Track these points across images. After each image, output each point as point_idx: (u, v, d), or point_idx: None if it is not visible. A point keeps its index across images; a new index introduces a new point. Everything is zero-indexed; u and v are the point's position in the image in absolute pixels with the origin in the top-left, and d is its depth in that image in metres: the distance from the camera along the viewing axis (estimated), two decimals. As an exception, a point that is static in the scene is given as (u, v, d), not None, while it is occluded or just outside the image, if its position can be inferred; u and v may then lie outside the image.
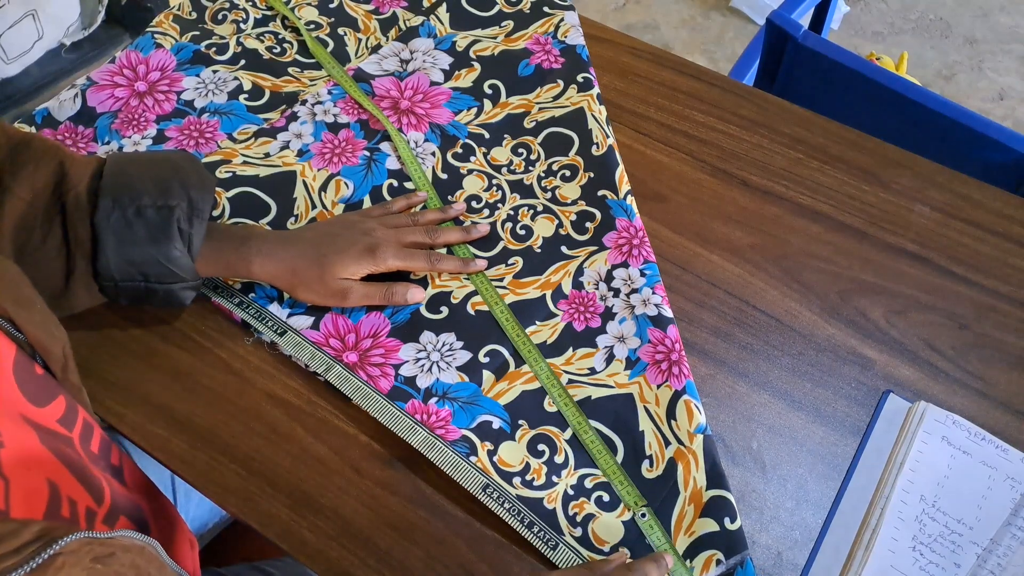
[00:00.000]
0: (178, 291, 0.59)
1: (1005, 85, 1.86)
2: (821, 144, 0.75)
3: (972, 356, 0.63)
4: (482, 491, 0.55)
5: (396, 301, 0.64)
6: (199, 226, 0.58)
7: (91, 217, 0.56)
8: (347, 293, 0.62)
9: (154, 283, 0.58)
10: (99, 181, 0.57)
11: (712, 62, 1.93)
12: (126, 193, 0.57)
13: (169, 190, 0.58)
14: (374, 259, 0.62)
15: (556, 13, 0.84)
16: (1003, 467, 0.57)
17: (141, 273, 0.57)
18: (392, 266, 0.63)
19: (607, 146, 0.73)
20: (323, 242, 0.63)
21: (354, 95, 0.77)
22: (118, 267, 0.57)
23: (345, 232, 0.64)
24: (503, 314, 0.64)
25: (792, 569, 0.54)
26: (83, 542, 0.38)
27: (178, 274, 0.58)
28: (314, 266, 0.62)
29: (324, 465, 0.58)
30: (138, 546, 0.43)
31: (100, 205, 0.56)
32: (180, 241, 0.58)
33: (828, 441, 0.59)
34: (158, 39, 0.82)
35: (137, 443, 0.59)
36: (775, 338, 0.64)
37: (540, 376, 0.61)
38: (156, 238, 0.57)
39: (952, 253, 0.68)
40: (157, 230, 0.57)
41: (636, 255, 0.66)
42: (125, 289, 0.58)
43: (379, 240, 0.63)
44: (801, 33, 0.97)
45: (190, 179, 0.59)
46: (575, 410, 0.59)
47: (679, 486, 0.56)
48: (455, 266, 0.66)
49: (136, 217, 0.56)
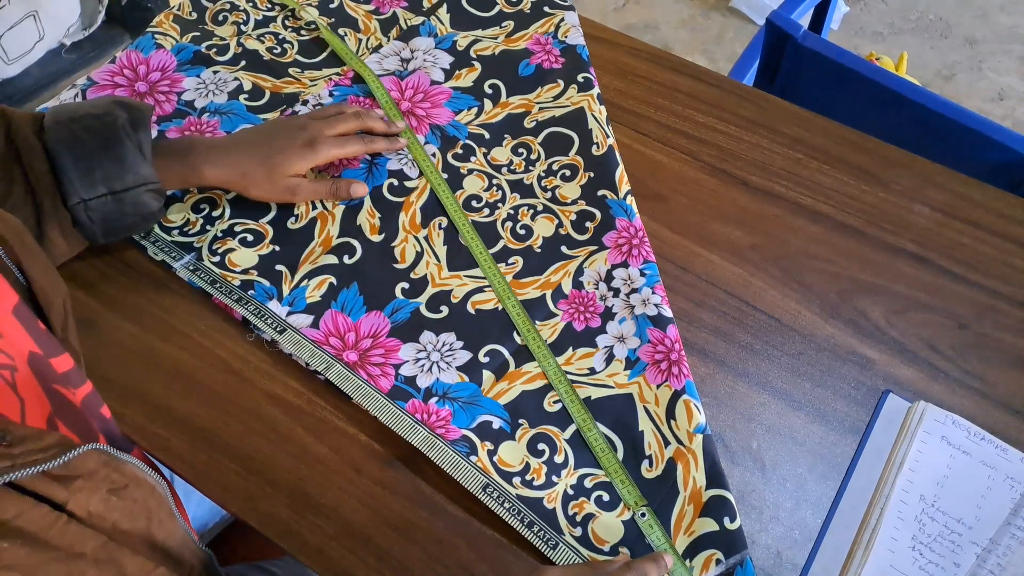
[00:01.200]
0: (143, 195, 0.62)
1: (1005, 85, 1.86)
2: (821, 144, 0.75)
3: (972, 356, 0.63)
4: (482, 491, 0.55)
5: (340, 196, 0.69)
6: (144, 134, 0.62)
7: (44, 146, 0.59)
8: (296, 190, 0.67)
9: (120, 192, 0.60)
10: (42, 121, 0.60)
11: (712, 62, 1.93)
12: (67, 118, 0.60)
13: (107, 107, 0.62)
14: (315, 151, 0.67)
15: (556, 13, 0.84)
16: (1003, 467, 0.57)
17: (105, 185, 0.60)
18: (332, 155, 0.68)
19: (607, 146, 0.73)
20: (264, 142, 0.67)
21: (371, 85, 0.78)
22: (83, 185, 0.59)
23: (283, 131, 0.68)
24: (515, 308, 0.64)
25: (792, 569, 0.54)
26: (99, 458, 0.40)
27: (139, 175, 0.61)
28: (261, 166, 0.66)
29: (324, 465, 0.58)
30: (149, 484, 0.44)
31: (48, 134, 0.59)
32: (130, 143, 0.61)
33: (828, 441, 0.59)
34: (158, 39, 0.82)
35: (137, 443, 0.59)
36: (775, 338, 0.64)
37: (548, 372, 0.61)
38: (107, 144, 0.60)
39: (952, 253, 0.68)
40: (105, 137, 0.60)
41: (636, 255, 0.67)
42: (95, 210, 0.60)
43: (315, 134, 0.68)
44: (801, 33, 0.97)
45: (123, 99, 0.64)
46: (581, 407, 0.59)
47: (679, 486, 0.56)
48: (384, 145, 0.72)
49: (84, 132, 0.60)
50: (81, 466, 0.39)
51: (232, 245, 0.67)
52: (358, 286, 0.65)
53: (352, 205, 0.70)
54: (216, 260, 0.67)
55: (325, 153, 0.68)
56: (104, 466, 0.41)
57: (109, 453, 0.41)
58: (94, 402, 0.48)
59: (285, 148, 0.66)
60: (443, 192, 0.71)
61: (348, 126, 0.70)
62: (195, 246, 0.67)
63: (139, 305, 0.65)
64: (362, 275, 0.66)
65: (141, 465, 0.44)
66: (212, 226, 0.69)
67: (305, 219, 0.69)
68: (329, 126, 0.69)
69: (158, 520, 0.44)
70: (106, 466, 0.41)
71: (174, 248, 0.67)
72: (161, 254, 0.67)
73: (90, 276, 0.67)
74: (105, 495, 0.40)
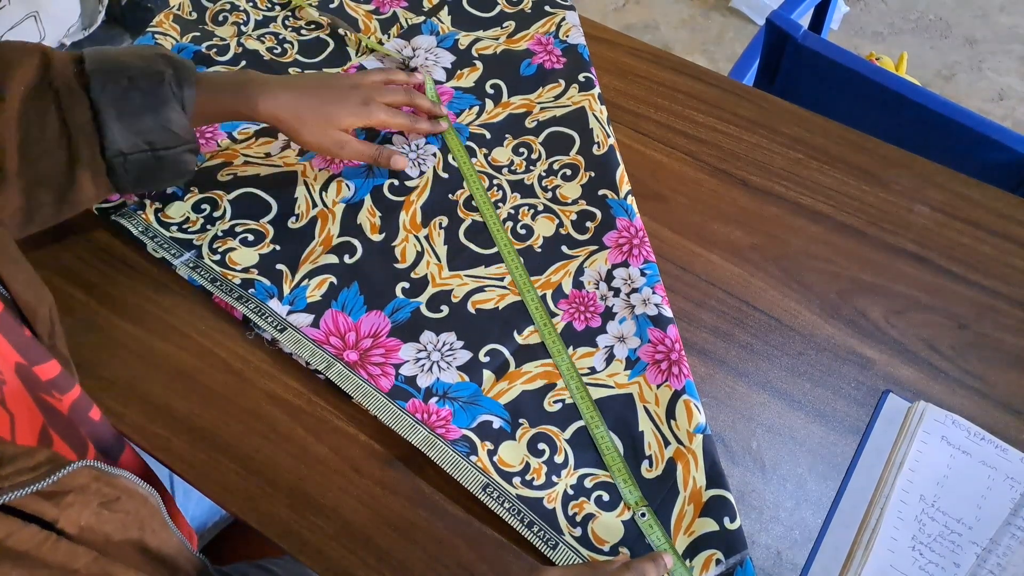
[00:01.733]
0: (184, 155, 0.61)
1: (1005, 85, 1.86)
2: (821, 144, 0.75)
3: (972, 356, 0.63)
4: (482, 491, 0.55)
5: (381, 163, 0.70)
6: (189, 91, 0.61)
7: (87, 95, 0.57)
8: (344, 144, 0.68)
9: (160, 150, 0.60)
10: (83, 66, 0.58)
11: (712, 62, 1.93)
12: (114, 68, 0.58)
13: (153, 60, 0.60)
14: (368, 111, 0.68)
15: (557, 12, 0.84)
16: (1003, 467, 0.57)
17: (146, 142, 0.59)
18: (380, 120, 0.70)
19: (608, 145, 0.73)
20: (322, 91, 0.67)
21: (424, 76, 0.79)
22: (124, 139, 0.58)
23: (340, 85, 0.69)
24: (534, 302, 0.64)
25: (792, 569, 0.54)
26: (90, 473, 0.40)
27: (180, 136, 0.60)
28: (318, 113, 0.66)
29: (324, 465, 0.58)
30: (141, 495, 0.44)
31: (92, 83, 0.57)
32: (175, 102, 0.60)
33: (828, 441, 0.59)
34: (158, 39, 0.82)
35: (137, 443, 0.59)
36: (775, 338, 0.64)
37: (561, 366, 0.61)
38: (153, 104, 0.59)
39: (952, 253, 0.68)
40: (152, 96, 0.59)
41: (636, 255, 0.67)
42: (133, 164, 0.59)
43: (370, 95, 0.69)
44: (801, 33, 0.97)
45: (169, 55, 0.62)
46: (591, 405, 0.59)
47: (679, 486, 0.56)
48: (427, 127, 0.73)
49: (130, 86, 0.58)
50: (72, 482, 0.39)
51: (232, 244, 0.67)
52: (358, 285, 0.65)
53: (352, 204, 0.70)
54: (216, 259, 0.67)
55: (377, 116, 0.69)
56: (95, 480, 0.40)
57: (100, 468, 0.41)
58: (83, 406, 0.48)
59: (342, 100, 0.67)
60: (475, 186, 0.71)
61: (398, 99, 0.71)
62: (195, 244, 0.67)
63: (139, 305, 0.65)
64: (362, 274, 0.66)
65: (132, 477, 0.44)
66: (212, 226, 0.69)
67: (306, 218, 0.69)
68: (382, 93, 0.70)
69: (151, 530, 0.44)
70: (97, 480, 0.40)
71: (174, 245, 0.67)
72: (161, 251, 0.67)
73: (90, 276, 0.67)
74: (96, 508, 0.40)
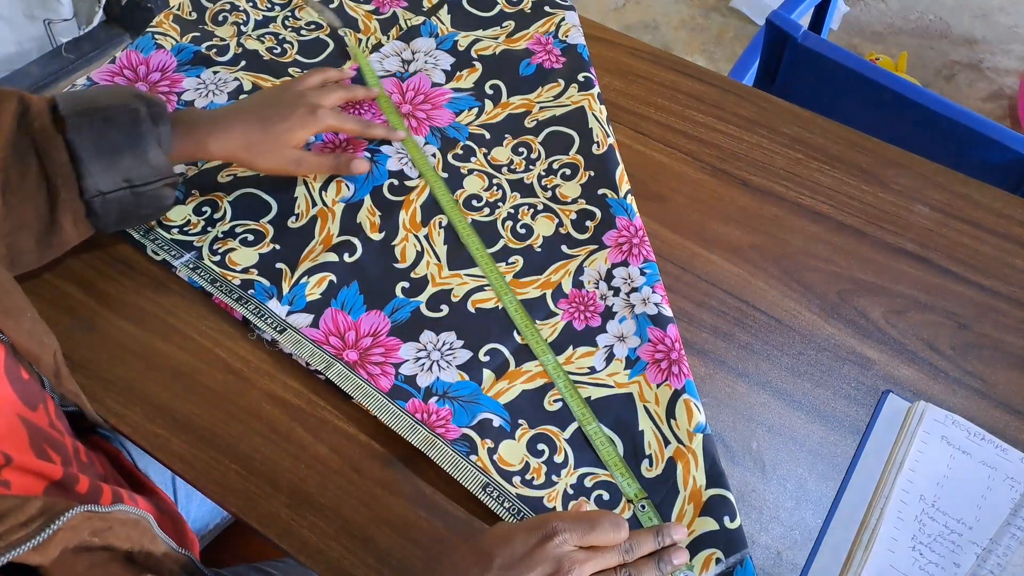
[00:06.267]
0: (162, 189, 0.61)
1: (1005, 85, 1.86)
2: (821, 144, 0.75)
3: (972, 356, 0.63)
4: (482, 490, 0.55)
5: (342, 170, 0.69)
6: (164, 127, 0.61)
7: (64, 138, 0.57)
8: (301, 161, 0.67)
9: (139, 186, 0.60)
10: (58, 110, 0.59)
11: (712, 62, 1.93)
12: (89, 109, 0.59)
13: (125, 98, 0.61)
14: (316, 118, 0.67)
15: (557, 12, 0.84)
16: (1003, 467, 0.57)
17: (125, 179, 0.59)
18: (330, 125, 0.68)
19: (607, 145, 0.73)
20: (266, 111, 0.67)
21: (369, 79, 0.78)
22: (104, 179, 0.58)
23: (282, 100, 0.68)
24: (512, 304, 0.64)
25: (792, 569, 0.54)
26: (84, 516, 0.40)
27: (159, 170, 0.60)
28: (267, 136, 0.65)
29: (324, 465, 0.58)
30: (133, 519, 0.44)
31: (68, 126, 0.58)
32: (152, 138, 0.60)
33: (828, 441, 0.59)
34: (158, 39, 0.82)
35: (137, 443, 0.59)
36: (775, 338, 0.64)
37: (548, 367, 0.61)
38: (131, 141, 0.59)
39: (952, 253, 0.68)
40: (129, 133, 0.59)
41: (636, 254, 0.66)
42: (113, 202, 0.59)
43: (315, 102, 0.68)
44: (801, 33, 0.97)
45: (141, 92, 0.62)
46: (581, 403, 0.59)
47: (679, 485, 0.56)
48: (382, 132, 0.72)
49: (106, 125, 0.58)
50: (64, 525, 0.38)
51: (232, 245, 0.67)
52: (358, 285, 0.65)
53: (352, 203, 0.70)
54: (216, 259, 0.67)
55: (326, 121, 0.68)
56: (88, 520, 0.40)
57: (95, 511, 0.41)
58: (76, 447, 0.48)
59: (288, 116, 0.66)
60: (441, 192, 0.71)
61: (337, 96, 0.71)
62: (195, 245, 0.67)
63: (139, 305, 0.65)
64: (362, 273, 0.66)
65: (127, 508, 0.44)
66: (213, 227, 0.69)
67: (306, 218, 0.69)
68: (324, 96, 0.69)
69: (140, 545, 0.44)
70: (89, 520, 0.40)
71: (174, 246, 0.67)
72: (162, 252, 0.67)
73: (90, 276, 0.66)
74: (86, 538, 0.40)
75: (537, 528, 0.47)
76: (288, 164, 0.67)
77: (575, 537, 0.47)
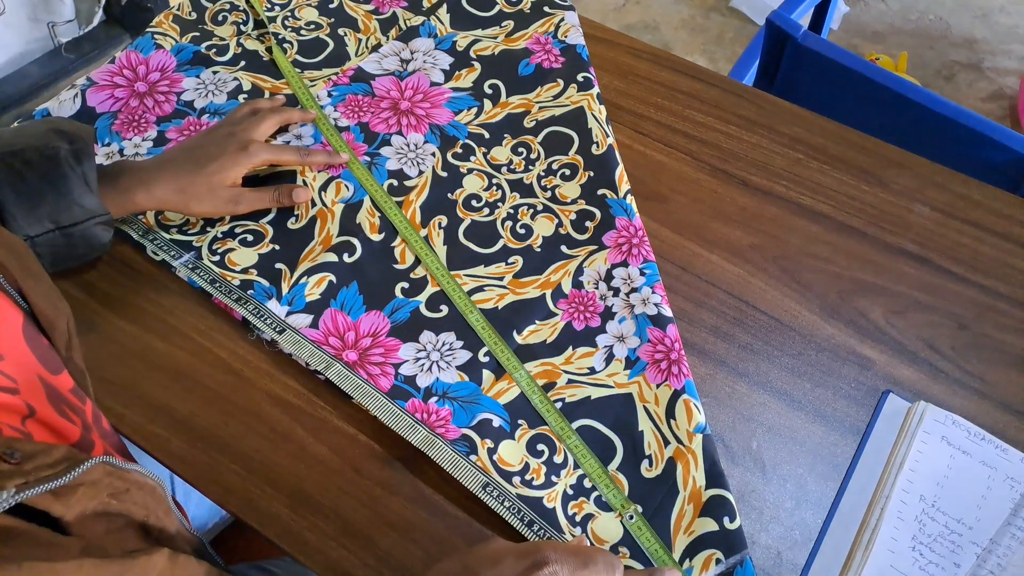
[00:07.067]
0: (93, 228, 0.60)
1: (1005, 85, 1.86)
2: (821, 144, 0.75)
3: (972, 356, 0.63)
4: (482, 490, 0.55)
5: (284, 201, 0.68)
6: (89, 164, 0.59)
7: None
8: (239, 199, 0.66)
9: (68, 227, 0.58)
10: None
11: (712, 62, 1.93)
12: (6, 153, 0.57)
13: (46, 138, 0.59)
14: (248, 154, 0.65)
15: (556, 13, 0.84)
16: (1003, 467, 0.57)
17: (52, 221, 0.58)
18: (265, 159, 0.67)
19: (607, 145, 0.73)
20: (196, 155, 0.65)
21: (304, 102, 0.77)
22: (29, 223, 0.57)
23: (211, 140, 0.66)
24: (479, 322, 0.63)
25: (792, 569, 0.54)
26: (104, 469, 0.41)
27: (87, 209, 0.59)
28: (199, 179, 0.64)
29: (324, 465, 0.58)
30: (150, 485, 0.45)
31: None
32: (75, 176, 0.58)
33: (828, 441, 0.59)
34: (158, 39, 0.82)
35: (137, 443, 0.59)
36: (775, 338, 0.64)
37: (520, 382, 0.61)
38: (51, 180, 0.57)
39: (952, 253, 0.68)
40: (49, 173, 0.57)
41: (636, 254, 0.66)
42: (43, 245, 0.58)
43: (246, 137, 0.66)
44: (801, 33, 0.97)
45: (63, 126, 0.61)
46: (557, 416, 0.59)
47: (678, 485, 0.56)
48: (323, 159, 0.70)
49: (25, 167, 0.57)
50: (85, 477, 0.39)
51: (232, 245, 0.67)
52: (358, 285, 0.65)
53: (352, 203, 0.70)
54: (216, 259, 0.67)
55: (260, 156, 0.66)
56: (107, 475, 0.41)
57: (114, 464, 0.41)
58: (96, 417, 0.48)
59: (219, 156, 0.65)
60: (392, 212, 0.69)
61: (271, 121, 0.69)
62: (195, 245, 0.67)
63: (139, 305, 0.65)
64: (362, 274, 0.66)
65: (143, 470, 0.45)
66: (212, 227, 0.69)
67: (305, 218, 0.69)
68: (254, 129, 0.67)
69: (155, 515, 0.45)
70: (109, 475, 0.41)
71: (173, 246, 0.67)
72: (161, 253, 0.67)
73: (90, 276, 0.66)
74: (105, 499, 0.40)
75: (529, 554, 0.45)
76: (225, 205, 0.66)
77: (566, 571, 0.44)
